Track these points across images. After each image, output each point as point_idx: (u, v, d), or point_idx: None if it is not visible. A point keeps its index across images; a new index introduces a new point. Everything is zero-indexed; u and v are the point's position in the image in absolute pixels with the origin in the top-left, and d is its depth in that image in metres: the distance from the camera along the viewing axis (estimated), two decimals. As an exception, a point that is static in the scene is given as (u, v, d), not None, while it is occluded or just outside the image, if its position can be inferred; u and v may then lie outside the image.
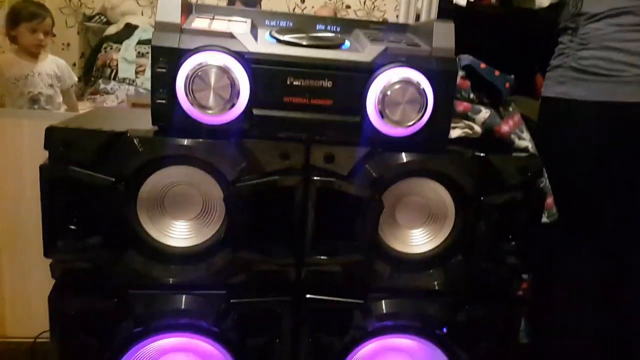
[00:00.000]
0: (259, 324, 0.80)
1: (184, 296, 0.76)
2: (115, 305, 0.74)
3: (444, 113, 0.77)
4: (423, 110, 0.74)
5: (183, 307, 0.76)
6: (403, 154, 0.76)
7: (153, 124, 0.74)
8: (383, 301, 0.81)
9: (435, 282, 0.81)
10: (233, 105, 0.71)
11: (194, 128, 0.72)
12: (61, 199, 0.71)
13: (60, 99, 2.02)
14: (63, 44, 2.96)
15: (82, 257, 0.72)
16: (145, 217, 0.76)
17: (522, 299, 0.87)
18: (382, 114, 0.74)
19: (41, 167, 0.70)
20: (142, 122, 0.76)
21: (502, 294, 0.83)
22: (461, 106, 0.87)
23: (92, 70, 2.74)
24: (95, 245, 0.72)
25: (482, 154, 0.79)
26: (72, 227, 0.72)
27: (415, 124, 0.74)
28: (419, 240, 0.84)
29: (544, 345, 1.01)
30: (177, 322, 0.77)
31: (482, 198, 0.79)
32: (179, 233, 0.78)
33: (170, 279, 0.76)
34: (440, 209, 0.83)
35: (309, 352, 0.81)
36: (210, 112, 0.71)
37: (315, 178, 0.75)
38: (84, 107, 2.28)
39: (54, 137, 0.70)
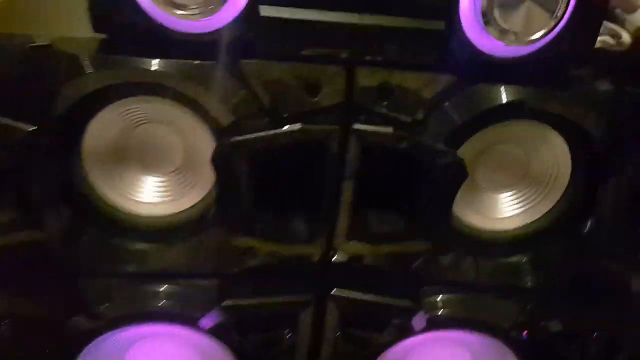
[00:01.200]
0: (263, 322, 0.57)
1: (163, 286, 0.53)
2: (60, 301, 0.51)
3: (591, 16, 0.45)
4: (560, 13, 0.42)
5: (161, 301, 0.53)
6: (508, 87, 0.46)
7: (95, 30, 0.44)
8: (440, 297, 0.56)
9: (528, 277, 0.55)
10: (225, 1, 0.40)
11: (161, 39, 0.42)
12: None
13: None
14: None
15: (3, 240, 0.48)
16: (96, 174, 0.50)
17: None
18: (485, 19, 0.42)
19: None
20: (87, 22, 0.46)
21: (622, 296, 0.57)
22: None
23: None
24: (14, 221, 0.47)
25: (631, 88, 0.49)
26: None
27: (545, 35, 0.43)
28: (506, 209, 0.57)
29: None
30: (148, 313, 0.55)
31: (622, 152, 0.50)
32: (148, 194, 0.52)
33: (135, 265, 0.51)
34: (548, 165, 0.55)
35: (333, 350, 0.59)
36: (187, 12, 0.41)
37: (359, 127, 0.46)
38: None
39: None
